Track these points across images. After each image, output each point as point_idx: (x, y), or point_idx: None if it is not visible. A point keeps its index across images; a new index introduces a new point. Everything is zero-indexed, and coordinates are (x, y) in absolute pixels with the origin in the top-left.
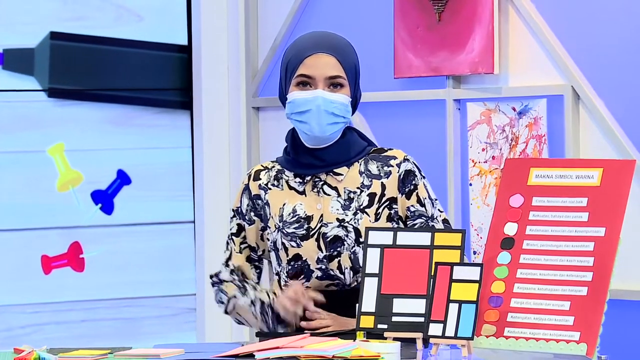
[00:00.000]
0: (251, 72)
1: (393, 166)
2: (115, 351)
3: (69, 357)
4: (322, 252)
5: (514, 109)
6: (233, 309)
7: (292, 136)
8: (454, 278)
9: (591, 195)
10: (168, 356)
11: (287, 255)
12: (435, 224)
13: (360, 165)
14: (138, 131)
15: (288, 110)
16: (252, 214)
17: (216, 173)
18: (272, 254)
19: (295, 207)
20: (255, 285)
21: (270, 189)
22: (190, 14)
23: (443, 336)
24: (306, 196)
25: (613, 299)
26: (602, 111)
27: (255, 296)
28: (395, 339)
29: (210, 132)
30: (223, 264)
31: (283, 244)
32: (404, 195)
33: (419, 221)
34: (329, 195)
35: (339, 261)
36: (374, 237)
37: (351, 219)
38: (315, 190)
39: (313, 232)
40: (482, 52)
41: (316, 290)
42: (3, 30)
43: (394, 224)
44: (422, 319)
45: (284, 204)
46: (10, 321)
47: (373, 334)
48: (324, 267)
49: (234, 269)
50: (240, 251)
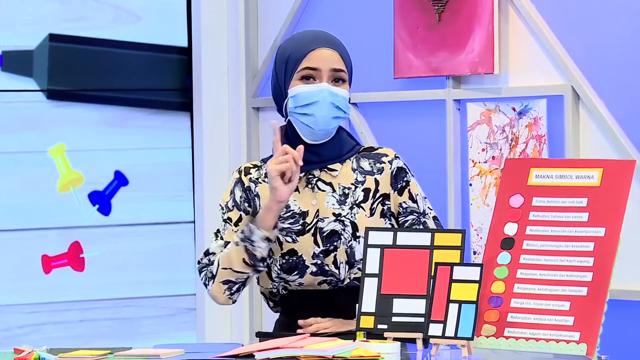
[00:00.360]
0: (251, 73)
1: (385, 163)
2: (115, 351)
3: (69, 357)
4: (318, 247)
5: (514, 109)
6: (217, 266)
7: (285, 133)
8: (454, 278)
9: (591, 195)
10: (168, 356)
11: (282, 249)
12: (426, 220)
13: (353, 162)
14: (138, 132)
15: (291, 105)
16: (246, 204)
17: (216, 173)
18: None
19: (288, 203)
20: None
21: (260, 183)
22: (190, 15)
23: (443, 336)
24: (300, 192)
25: (613, 299)
26: (602, 111)
27: (236, 237)
28: (395, 339)
29: (210, 132)
30: (213, 242)
31: (277, 238)
32: (396, 192)
33: (410, 217)
34: (323, 191)
35: (335, 256)
36: (374, 237)
37: (348, 213)
38: (310, 186)
39: (309, 227)
40: (482, 52)
41: (308, 287)
42: (1, 32)
43: (387, 220)
44: (422, 319)
45: None
46: (9, 321)
47: (373, 334)
48: (319, 262)
49: (222, 244)
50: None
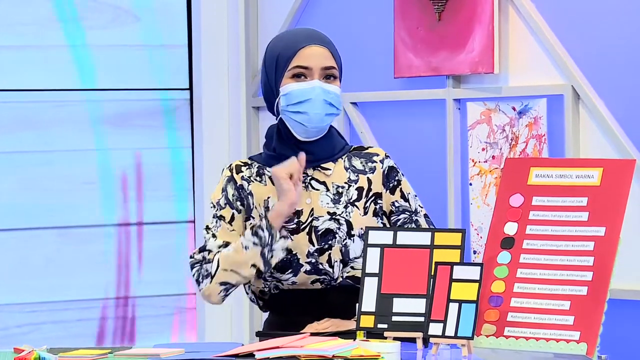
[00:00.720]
0: (251, 72)
1: (377, 162)
2: (116, 351)
3: (69, 356)
4: (313, 246)
5: (514, 109)
6: (217, 266)
7: (277, 132)
8: (454, 278)
9: (591, 194)
10: (168, 356)
11: None
12: (418, 218)
13: (345, 161)
14: (138, 131)
15: (283, 103)
16: (238, 203)
17: (216, 173)
18: None
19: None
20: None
21: (252, 182)
22: (190, 14)
23: (443, 336)
24: None
25: (613, 298)
26: (602, 111)
27: (241, 239)
28: (396, 338)
29: (210, 132)
30: (207, 240)
31: None
32: (388, 191)
33: (402, 216)
34: (317, 190)
35: (329, 254)
36: (374, 237)
37: (342, 212)
38: (303, 185)
39: (304, 225)
40: (482, 52)
41: (300, 287)
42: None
43: (379, 219)
44: (422, 319)
45: (268, 197)
46: (7, 320)
47: (373, 333)
48: (313, 260)
49: (221, 245)
50: (224, 232)
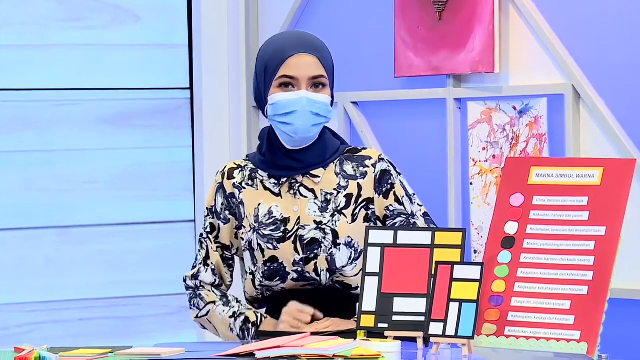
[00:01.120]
0: (251, 72)
1: (368, 166)
2: (116, 350)
3: (70, 356)
4: (298, 255)
5: (514, 108)
6: (206, 314)
7: (268, 137)
8: (454, 277)
9: (592, 194)
10: (169, 355)
11: (264, 257)
12: (416, 221)
13: (336, 166)
14: (138, 131)
15: (271, 112)
16: (227, 212)
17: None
18: (246, 253)
19: (271, 208)
20: (238, 298)
21: (244, 188)
22: (191, 14)
23: (443, 335)
24: (282, 198)
25: (614, 298)
26: (602, 110)
27: (239, 309)
28: (396, 338)
29: (211, 131)
30: (200, 263)
31: (259, 245)
32: (381, 196)
33: (398, 219)
34: (305, 197)
35: (315, 263)
36: (374, 236)
37: (329, 221)
38: (292, 192)
39: (290, 234)
40: (483, 51)
41: (292, 289)
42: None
43: (371, 224)
44: (422, 318)
45: (259, 204)
46: (8, 320)
47: (374, 333)
48: (300, 269)
49: (214, 268)
50: (215, 250)
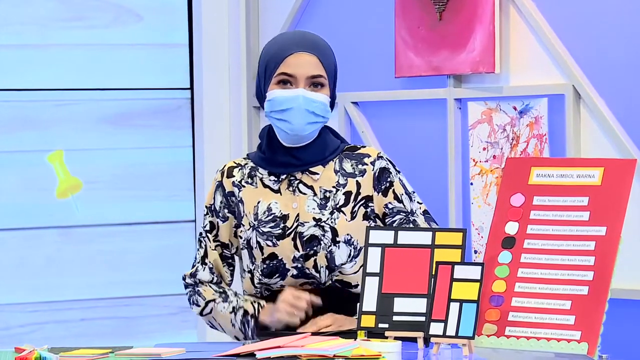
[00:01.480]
0: (252, 72)
1: (367, 164)
2: (117, 350)
3: (70, 356)
4: (298, 251)
5: (515, 108)
6: (210, 312)
7: (268, 134)
8: (454, 277)
9: (592, 194)
10: (169, 355)
11: (263, 254)
12: (415, 219)
13: (335, 164)
14: (139, 131)
15: (267, 108)
16: (225, 210)
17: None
18: (244, 252)
19: (270, 205)
20: (236, 292)
21: (244, 186)
22: (192, 13)
23: (444, 335)
24: (281, 195)
25: (614, 298)
26: (603, 110)
27: (237, 304)
28: (397, 338)
29: (211, 131)
30: (198, 262)
31: (258, 242)
32: (380, 193)
33: (398, 217)
34: (305, 194)
35: (314, 260)
36: (375, 236)
37: (328, 219)
38: (291, 189)
39: (289, 231)
40: (483, 51)
41: (291, 287)
42: (1, 31)
43: (371, 222)
44: (423, 318)
45: (258, 202)
46: (9, 320)
47: (374, 333)
48: (299, 265)
49: (212, 267)
50: (214, 248)
